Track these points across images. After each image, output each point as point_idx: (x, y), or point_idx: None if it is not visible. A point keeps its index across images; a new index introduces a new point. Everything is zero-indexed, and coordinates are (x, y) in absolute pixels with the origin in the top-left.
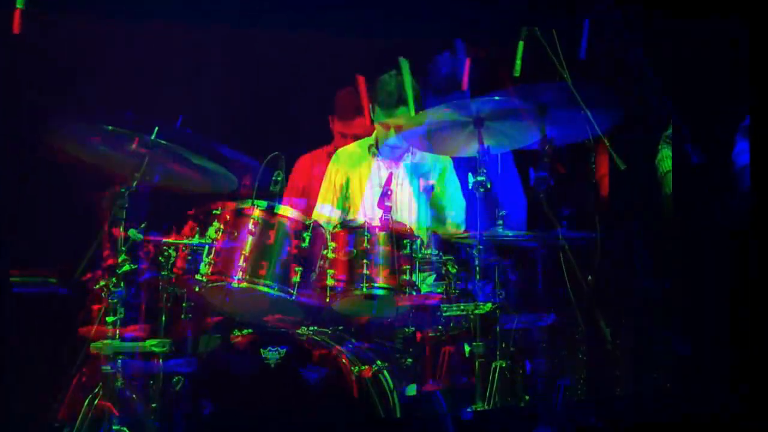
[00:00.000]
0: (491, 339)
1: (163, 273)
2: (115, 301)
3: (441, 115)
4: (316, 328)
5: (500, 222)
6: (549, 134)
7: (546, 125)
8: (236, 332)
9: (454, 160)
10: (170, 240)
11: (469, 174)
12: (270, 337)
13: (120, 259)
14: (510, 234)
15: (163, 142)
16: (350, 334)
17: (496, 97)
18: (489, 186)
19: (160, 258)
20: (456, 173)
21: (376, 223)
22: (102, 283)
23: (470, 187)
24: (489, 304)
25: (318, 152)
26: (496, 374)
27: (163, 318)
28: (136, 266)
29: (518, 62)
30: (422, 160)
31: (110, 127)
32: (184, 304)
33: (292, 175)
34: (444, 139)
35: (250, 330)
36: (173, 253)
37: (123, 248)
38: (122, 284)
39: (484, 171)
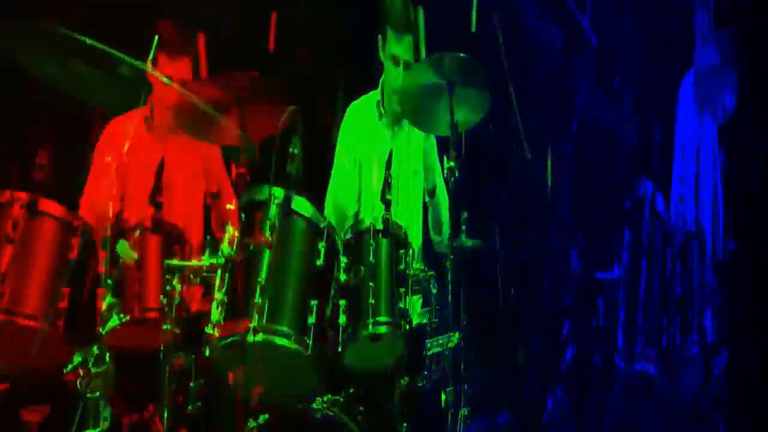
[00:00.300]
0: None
1: (168, 327)
2: (97, 394)
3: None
4: (329, 396)
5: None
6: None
7: None
8: (252, 423)
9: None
10: (174, 262)
11: (444, 157)
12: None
13: (106, 304)
14: None
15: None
16: (359, 399)
17: None
18: (457, 174)
19: (161, 297)
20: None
21: (379, 225)
22: (77, 359)
23: (444, 175)
24: (456, 335)
25: (131, 115)
26: (461, 423)
27: (165, 412)
28: (127, 317)
29: (474, 14)
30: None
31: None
32: (192, 384)
33: (97, 145)
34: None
35: (266, 416)
36: (178, 287)
37: (109, 281)
38: (107, 358)
39: (455, 154)
